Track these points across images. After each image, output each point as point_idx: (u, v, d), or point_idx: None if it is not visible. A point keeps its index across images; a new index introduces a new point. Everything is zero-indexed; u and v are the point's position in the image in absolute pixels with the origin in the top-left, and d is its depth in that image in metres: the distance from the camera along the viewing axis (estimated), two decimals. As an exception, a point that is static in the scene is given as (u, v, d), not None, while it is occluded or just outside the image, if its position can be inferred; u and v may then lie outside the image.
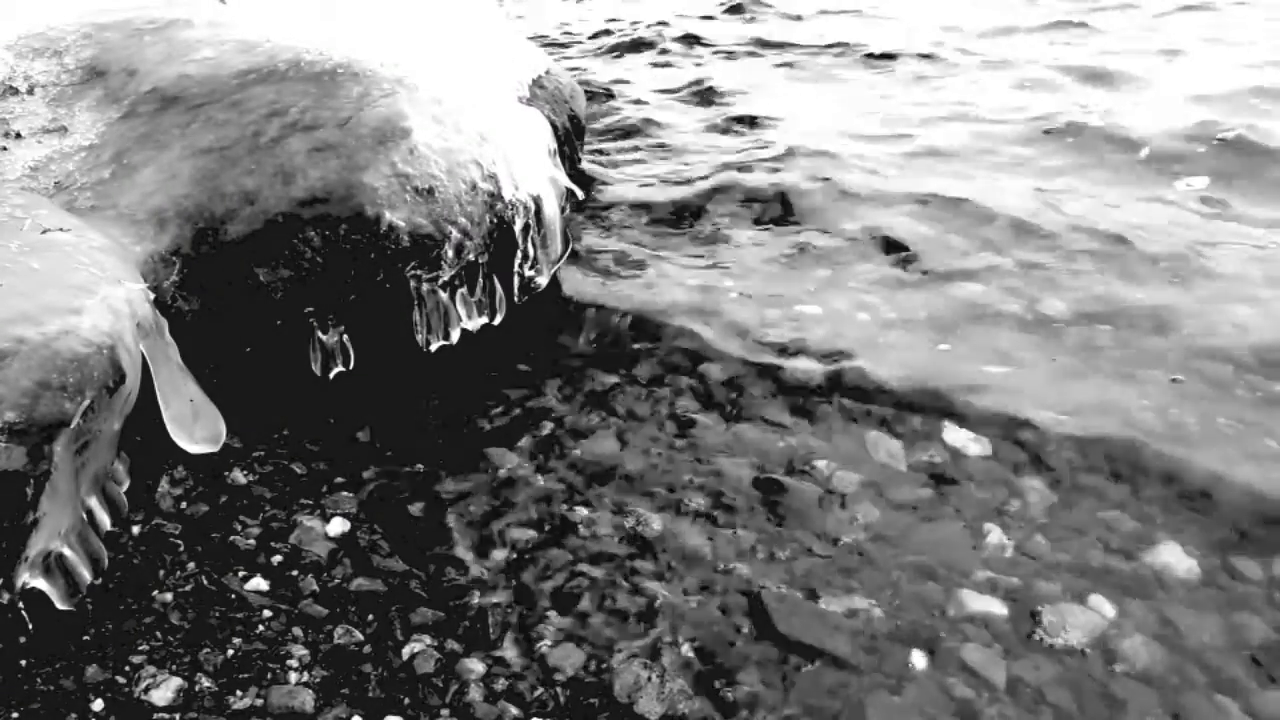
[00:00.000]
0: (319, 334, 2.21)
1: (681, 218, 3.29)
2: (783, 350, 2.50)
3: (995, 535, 1.90)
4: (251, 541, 1.86)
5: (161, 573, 1.76)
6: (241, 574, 1.78)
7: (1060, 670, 1.62)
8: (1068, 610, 1.72)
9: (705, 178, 3.57)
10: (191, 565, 1.79)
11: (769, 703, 1.57)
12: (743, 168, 3.61)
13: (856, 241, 3.05)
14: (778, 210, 3.31)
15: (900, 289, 2.77)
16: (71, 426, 1.52)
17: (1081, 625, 1.69)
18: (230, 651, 1.62)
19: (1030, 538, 1.89)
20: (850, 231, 3.11)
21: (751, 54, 5.55)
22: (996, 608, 1.74)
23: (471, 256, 2.36)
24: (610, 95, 4.71)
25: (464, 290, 2.39)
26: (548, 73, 3.31)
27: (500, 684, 1.60)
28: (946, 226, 3.08)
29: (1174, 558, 1.82)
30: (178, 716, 1.49)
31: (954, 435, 2.17)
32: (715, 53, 5.65)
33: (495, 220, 2.42)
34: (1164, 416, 2.13)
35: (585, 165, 3.64)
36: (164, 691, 1.53)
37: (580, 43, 6.16)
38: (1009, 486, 2.02)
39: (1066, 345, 2.44)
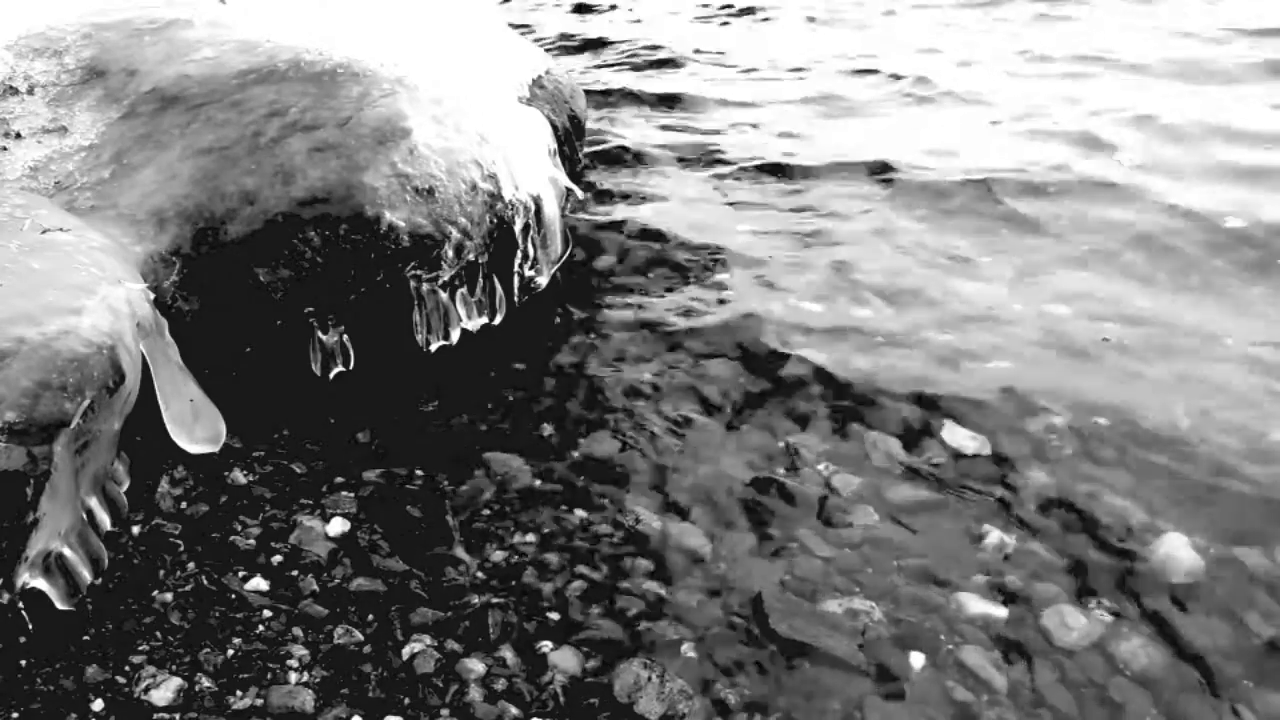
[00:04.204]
0: (319, 334, 2.21)
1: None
2: (783, 354, 2.50)
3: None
4: (251, 541, 1.86)
5: (161, 573, 1.76)
6: (241, 574, 1.78)
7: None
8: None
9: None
10: (191, 565, 1.79)
11: (769, 703, 1.58)
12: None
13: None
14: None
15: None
16: (71, 426, 1.52)
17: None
18: (230, 651, 1.62)
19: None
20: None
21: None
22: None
23: (471, 256, 2.36)
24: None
25: (464, 290, 2.39)
26: (548, 73, 3.31)
27: (500, 684, 1.60)
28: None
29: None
30: (178, 716, 1.49)
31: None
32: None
33: (495, 220, 2.42)
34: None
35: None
36: (164, 691, 1.53)
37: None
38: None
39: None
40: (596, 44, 5.96)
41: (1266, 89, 4.30)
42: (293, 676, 1.58)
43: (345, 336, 2.24)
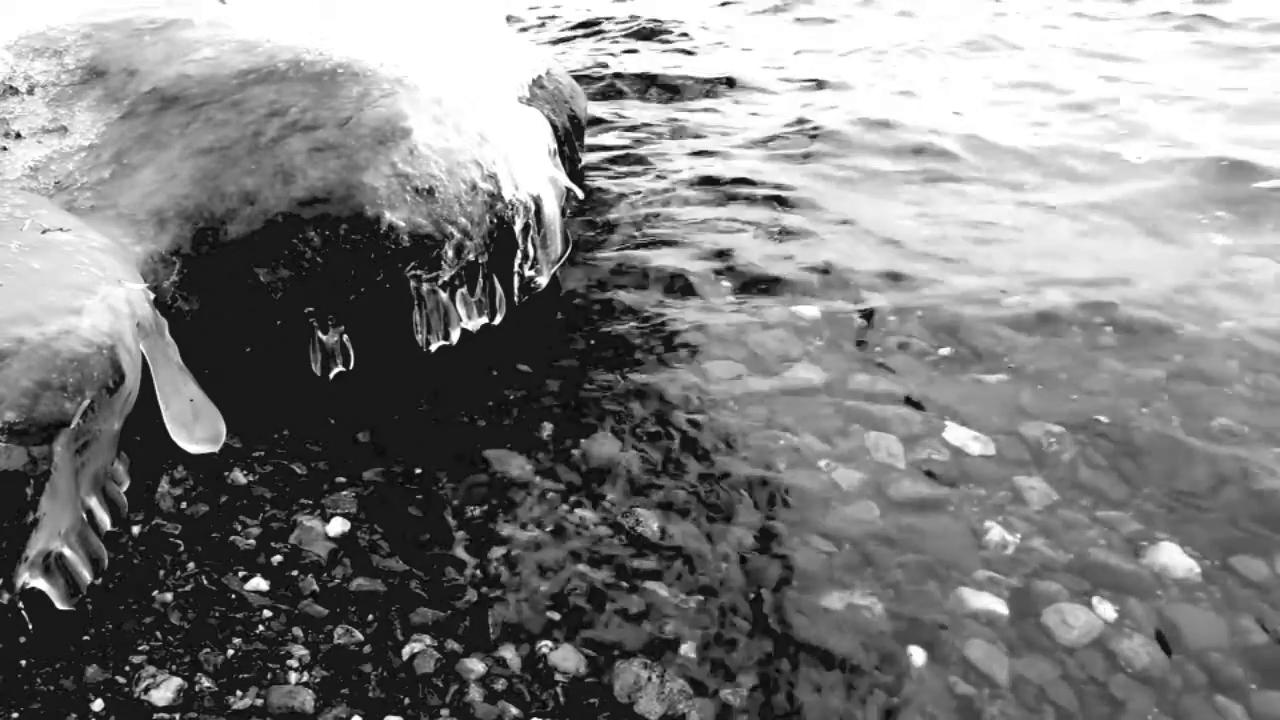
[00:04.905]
0: (319, 334, 2.21)
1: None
2: (784, 358, 2.50)
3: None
4: (251, 541, 1.86)
5: (161, 573, 1.76)
6: (241, 574, 1.78)
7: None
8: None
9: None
10: (191, 565, 1.79)
11: (770, 702, 1.57)
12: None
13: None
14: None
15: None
16: (71, 426, 1.52)
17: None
18: (230, 651, 1.62)
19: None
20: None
21: None
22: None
23: (471, 256, 2.36)
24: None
25: (464, 290, 2.39)
26: (548, 73, 3.31)
27: (500, 684, 1.60)
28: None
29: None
30: (178, 716, 1.49)
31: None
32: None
33: (495, 220, 2.42)
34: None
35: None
36: (164, 691, 1.53)
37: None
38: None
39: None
40: (600, 30, 5.98)
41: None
42: (293, 676, 1.58)
43: (345, 336, 2.24)
